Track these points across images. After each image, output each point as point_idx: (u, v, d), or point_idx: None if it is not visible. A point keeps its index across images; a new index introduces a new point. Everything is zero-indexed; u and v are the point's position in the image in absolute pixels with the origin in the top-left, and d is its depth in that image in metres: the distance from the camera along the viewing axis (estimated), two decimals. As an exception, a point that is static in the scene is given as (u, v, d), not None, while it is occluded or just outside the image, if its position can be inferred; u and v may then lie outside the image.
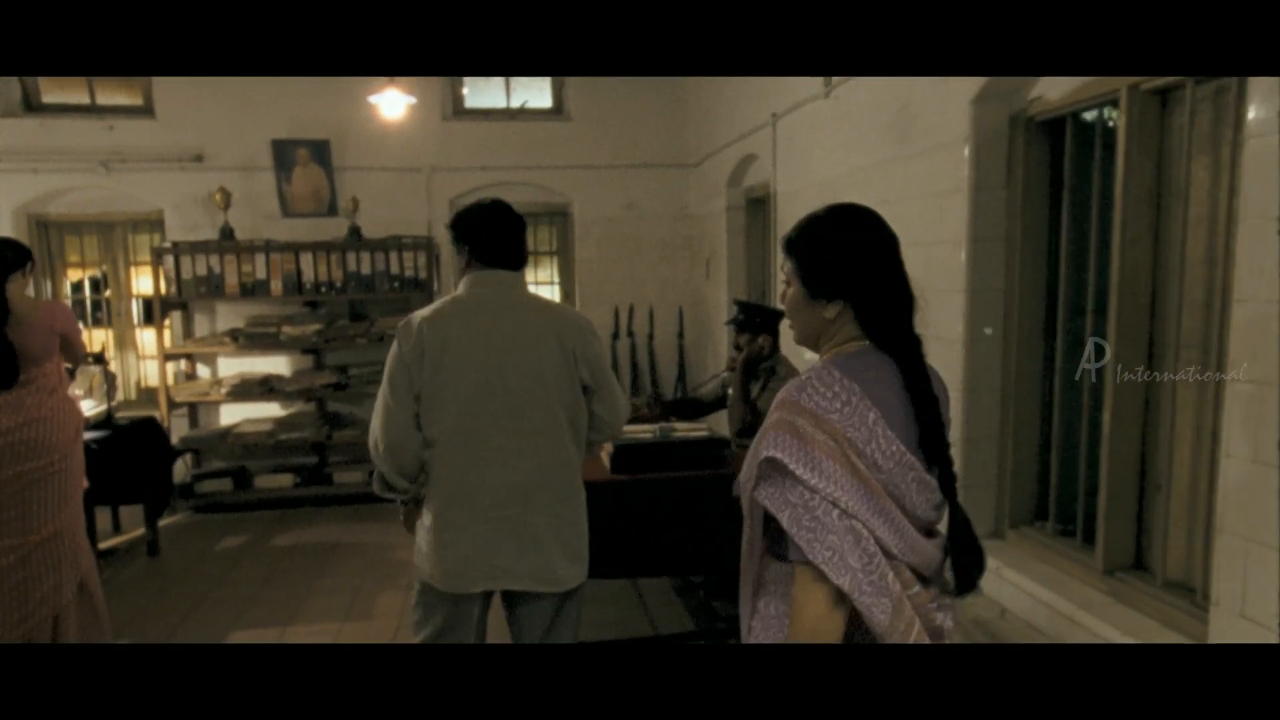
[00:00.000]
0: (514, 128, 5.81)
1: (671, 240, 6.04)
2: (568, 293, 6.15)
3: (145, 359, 5.81)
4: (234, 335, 5.33)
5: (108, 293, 5.76)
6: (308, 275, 5.27)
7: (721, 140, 5.15)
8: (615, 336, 5.93)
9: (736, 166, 5.00)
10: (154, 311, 5.21)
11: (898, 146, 2.97)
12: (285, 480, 5.42)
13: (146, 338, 5.73)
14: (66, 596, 3.15)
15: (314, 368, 5.61)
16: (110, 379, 4.96)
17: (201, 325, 5.61)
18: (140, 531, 4.62)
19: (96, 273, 5.80)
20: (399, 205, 5.68)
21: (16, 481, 3.02)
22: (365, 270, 5.34)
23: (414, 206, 5.72)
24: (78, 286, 5.83)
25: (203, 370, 5.66)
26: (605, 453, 3.07)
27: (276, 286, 5.26)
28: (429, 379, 1.98)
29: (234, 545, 4.67)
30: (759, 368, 3.33)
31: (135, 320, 5.76)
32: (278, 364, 5.62)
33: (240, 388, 5.27)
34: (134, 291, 5.74)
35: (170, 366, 5.41)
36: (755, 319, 3.30)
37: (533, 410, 2.03)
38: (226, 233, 5.30)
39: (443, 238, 5.82)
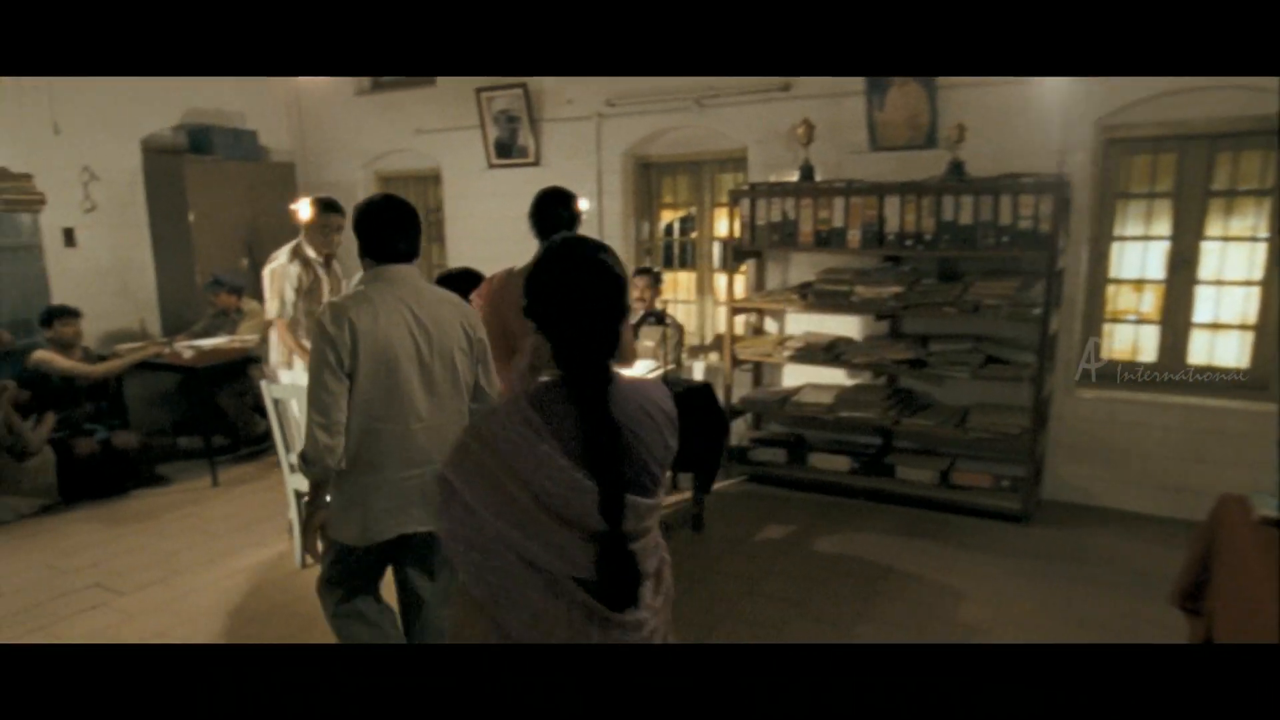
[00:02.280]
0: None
1: None
2: None
3: (720, 305, 5.60)
4: (803, 291, 4.68)
5: (694, 234, 5.66)
6: (891, 224, 4.28)
7: None
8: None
9: None
10: (727, 258, 4.85)
11: None
12: (841, 463, 4.67)
13: (724, 283, 5.49)
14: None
15: (888, 336, 4.67)
16: (678, 333, 4.77)
17: (773, 276, 5.11)
18: (686, 495, 4.38)
19: (686, 213, 5.74)
20: (1020, 132, 4.24)
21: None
22: (965, 219, 4.11)
23: (1041, 132, 4.21)
24: (669, 228, 5.87)
25: (771, 325, 5.20)
26: None
27: (854, 236, 4.40)
28: (363, 360, 2.17)
29: (777, 537, 4.10)
30: None
31: (714, 264, 5.55)
32: (848, 326, 4.83)
33: (804, 351, 4.64)
34: (714, 234, 5.51)
35: (740, 319, 5.05)
36: None
37: (444, 384, 2.30)
38: (806, 171, 4.61)
39: (1080, 182, 4.24)
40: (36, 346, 4.85)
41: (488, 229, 5.94)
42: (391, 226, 2.27)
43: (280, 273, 3.88)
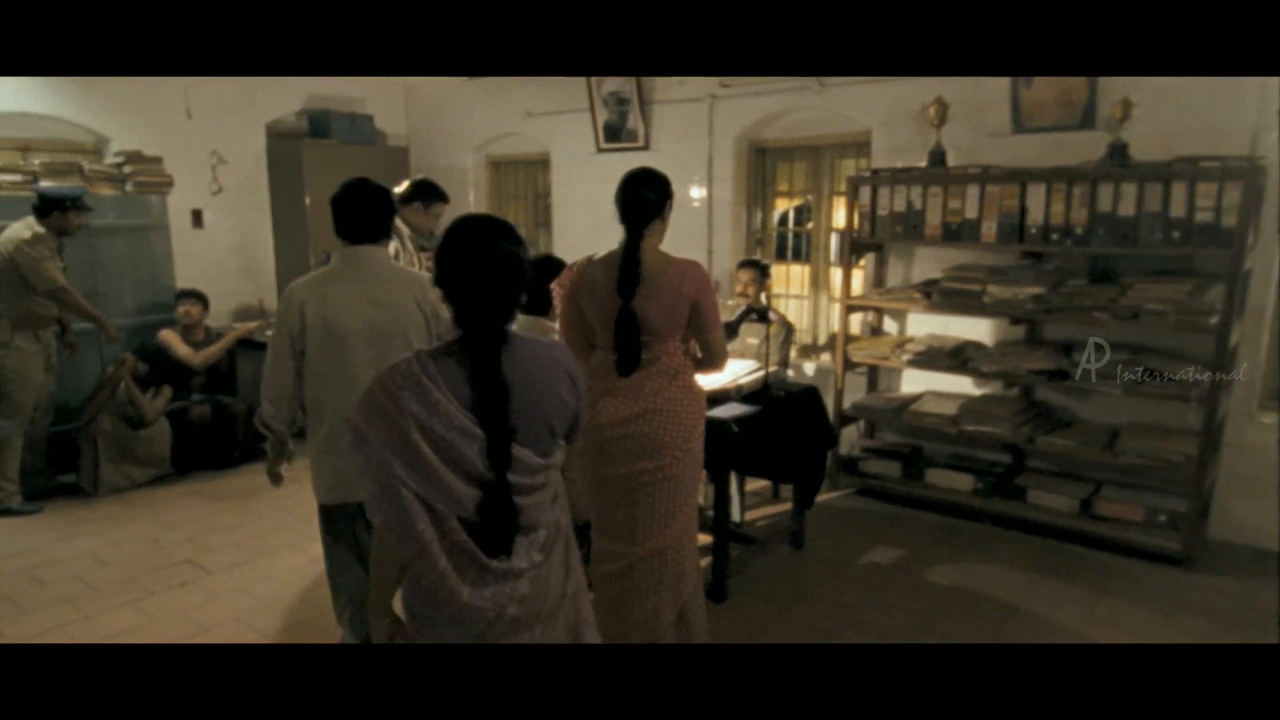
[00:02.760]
0: None
1: None
2: None
3: (835, 302, 5.18)
4: (926, 290, 4.21)
5: (809, 224, 5.26)
6: (1035, 215, 3.76)
7: None
8: None
9: None
10: (843, 251, 4.44)
11: None
12: (964, 482, 4.19)
13: (839, 278, 5.07)
14: (664, 625, 2.56)
15: (1024, 342, 4.14)
16: (785, 330, 4.41)
17: (895, 272, 4.65)
18: (787, 506, 4.03)
19: (801, 202, 5.34)
20: (1201, 107, 3.62)
21: (625, 482, 2.47)
22: (1125, 210, 3.55)
23: (1228, 107, 3.58)
24: (783, 217, 5.48)
25: (890, 325, 4.75)
26: None
27: (989, 230, 3.90)
28: (311, 338, 2.44)
29: (885, 562, 3.69)
30: None
31: (830, 258, 5.13)
32: (978, 329, 4.33)
33: (926, 355, 4.17)
34: (831, 225, 5.09)
35: (856, 317, 4.64)
36: None
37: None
38: (937, 156, 4.14)
39: (1278, 166, 3.57)
40: (162, 324, 5.04)
41: (595, 214, 5.74)
42: (355, 208, 2.49)
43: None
